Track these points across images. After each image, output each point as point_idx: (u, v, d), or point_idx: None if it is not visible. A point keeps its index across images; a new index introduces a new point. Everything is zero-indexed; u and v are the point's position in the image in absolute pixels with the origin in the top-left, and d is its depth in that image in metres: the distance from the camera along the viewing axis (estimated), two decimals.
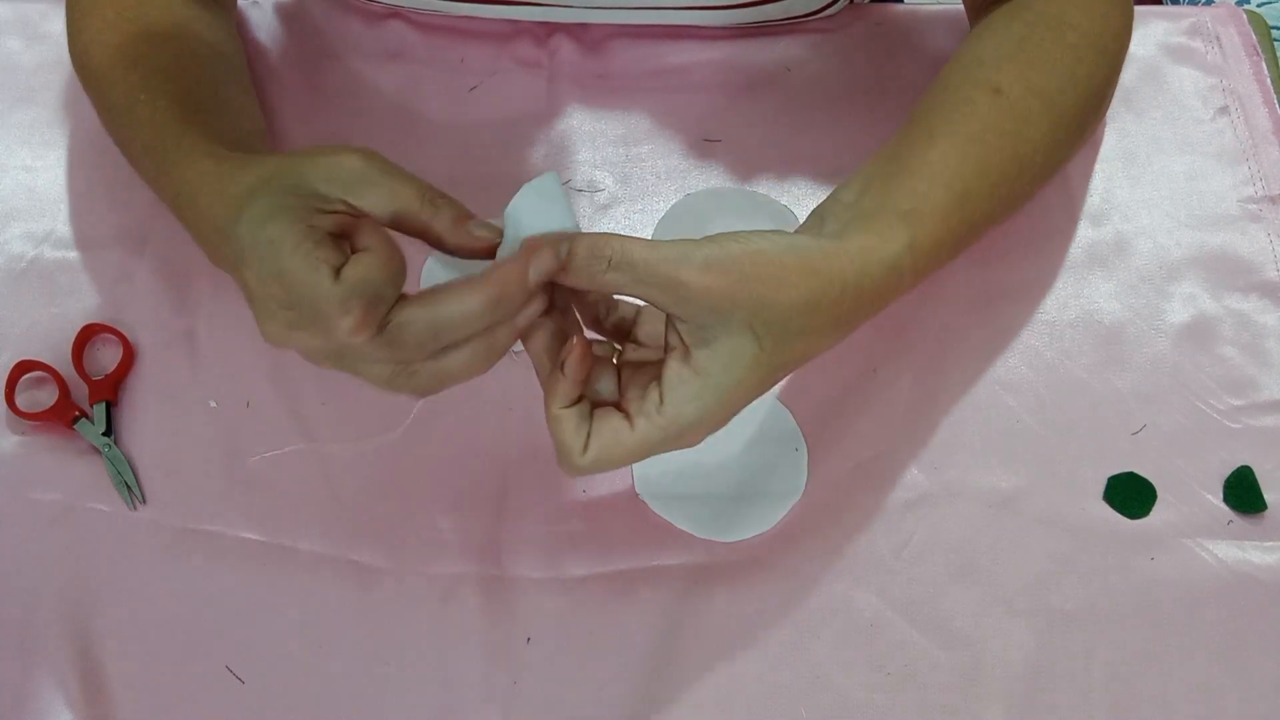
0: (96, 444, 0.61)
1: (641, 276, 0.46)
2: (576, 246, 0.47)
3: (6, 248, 0.68)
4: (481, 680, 0.55)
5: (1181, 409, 0.61)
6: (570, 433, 0.48)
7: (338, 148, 0.49)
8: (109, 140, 0.70)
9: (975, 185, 0.56)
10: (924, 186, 0.55)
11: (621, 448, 0.48)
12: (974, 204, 0.56)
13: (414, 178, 0.49)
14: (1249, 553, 0.57)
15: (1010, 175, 0.58)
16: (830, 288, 0.49)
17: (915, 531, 0.58)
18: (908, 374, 0.62)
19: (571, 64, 0.73)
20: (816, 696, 0.55)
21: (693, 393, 0.48)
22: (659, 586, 0.57)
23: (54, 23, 0.76)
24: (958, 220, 0.55)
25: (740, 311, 0.47)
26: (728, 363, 0.48)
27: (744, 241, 0.48)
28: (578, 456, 0.48)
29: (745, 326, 0.48)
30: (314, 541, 0.59)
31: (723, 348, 0.48)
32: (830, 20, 0.74)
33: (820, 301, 0.49)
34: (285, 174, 0.48)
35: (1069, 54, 0.60)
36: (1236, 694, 0.54)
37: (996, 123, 0.57)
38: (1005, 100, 0.58)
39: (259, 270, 0.46)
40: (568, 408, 0.48)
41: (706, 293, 0.47)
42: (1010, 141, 0.57)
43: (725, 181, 0.69)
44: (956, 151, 0.56)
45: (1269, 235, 0.66)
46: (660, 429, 0.48)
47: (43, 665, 0.56)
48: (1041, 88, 0.59)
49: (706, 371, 0.48)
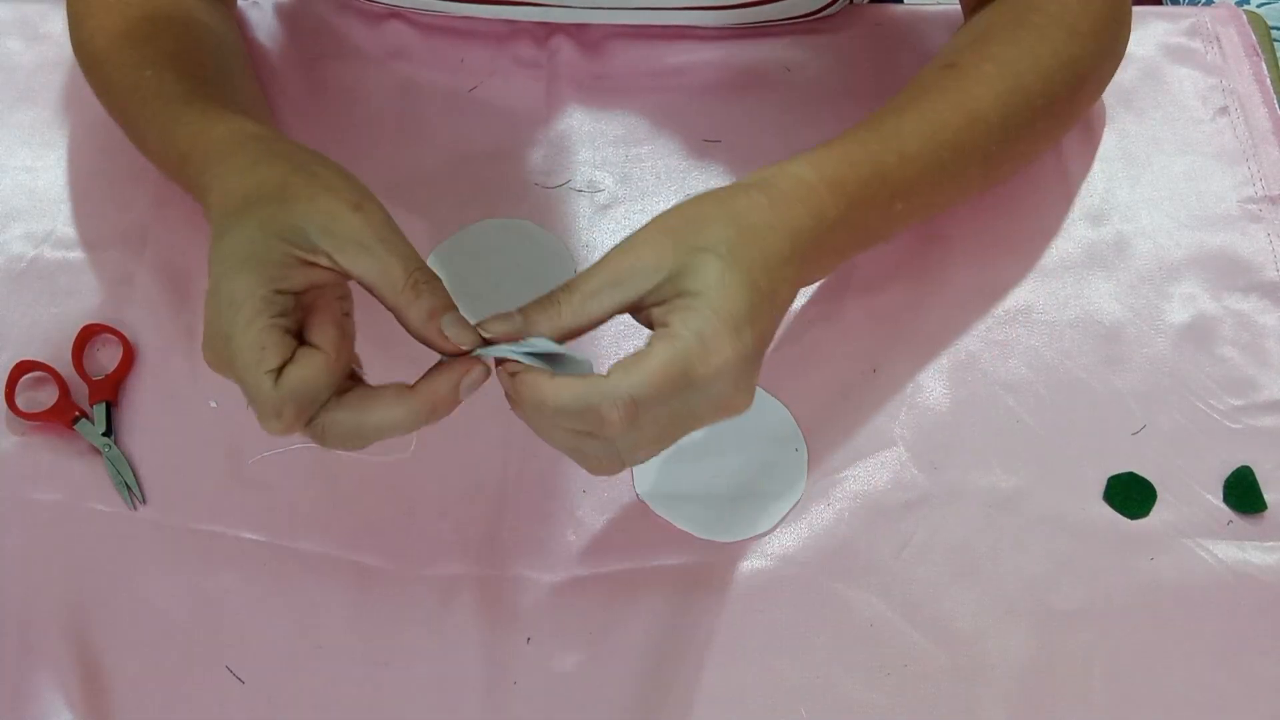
0: (96, 444, 0.61)
1: (587, 290, 0.48)
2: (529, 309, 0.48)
3: (6, 248, 0.68)
4: (481, 680, 0.55)
5: (1181, 409, 0.61)
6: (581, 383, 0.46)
7: (344, 193, 0.48)
8: (109, 140, 0.70)
9: (909, 126, 0.57)
10: (848, 134, 0.56)
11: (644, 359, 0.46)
12: (906, 140, 0.56)
13: (407, 252, 0.48)
14: (1249, 553, 0.57)
15: (955, 124, 0.57)
16: (736, 198, 0.51)
17: (915, 531, 0.58)
18: (908, 374, 0.62)
19: (571, 64, 0.73)
20: (816, 696, 0.55)
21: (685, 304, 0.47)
22: (659, 586, 0.57)
23: (54, 23, 0.76)
24: (878, 146, 0.55)
25: (676, 251, 0.48)
26: (697, 274, 0.47)
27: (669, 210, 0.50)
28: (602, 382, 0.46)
29: (689, 251, 0.48)
30: (314, 541, 0.59)
31: (687, 273, 0.47)
32: (830, 20, 0.74)
33: (737, 212, 0.50)
34: (284, 199, 0.48)
35: (1031, 32, 0.60)
36: (1236, 694, 0.54)
37: (940, 84, 0.59)
38: (955, 70, 0.59)
39: (213, 312, 0.47)
40: None
41: (637, 256, 0.48)
42: (955, 97, 0.58)
43: (725, 181, 0.68)
44: (890, 109, 0.58)
45: (1269, 235, 0.66)
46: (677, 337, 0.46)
47: (43, 665, 0.56)
48: (996, 55, 0.59)
49: (686, 290, 0.47)
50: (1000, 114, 0.59)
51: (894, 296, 0.64)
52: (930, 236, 0.65)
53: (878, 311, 0.64)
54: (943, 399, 0.62)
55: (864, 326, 0.64)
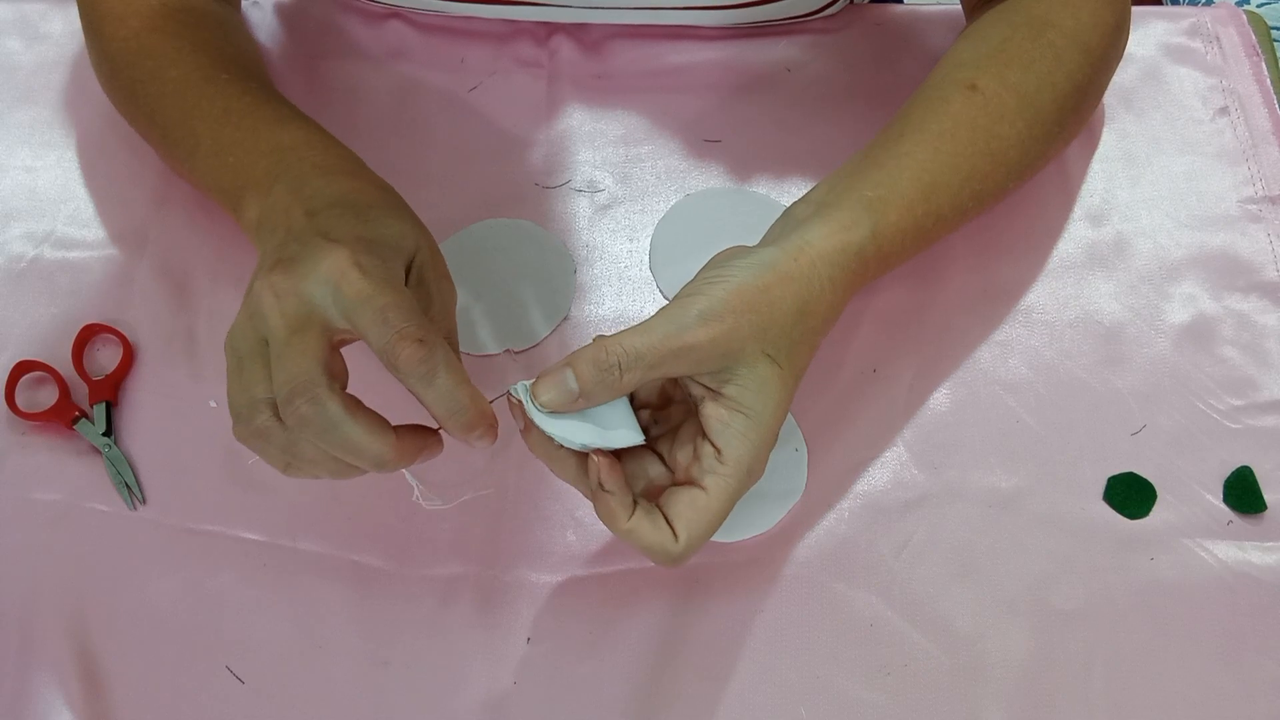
0: (96, 444, 0.61)
1: (654, 361, 0.48)
2: (582, 370, 0.48)
3: (6, 248, 0.68)
4: (481, 680, 0.55)
5: (1181, 409, 0.61)
6: (650, 533, 0.49)
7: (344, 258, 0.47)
8: (109, 140, 0.71)
9: (944, 178, 0.57)
10: (889, 177, 0.56)
11: (709, 513, 0.49)
12: (942, 195, 0.57)
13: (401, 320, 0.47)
14: (1249, 553, 0.57)
15: (983, 170, 0.58)
16: (810, 288, 0.52)
17: (915, 531, 0.58)
18: (908, 374, 0.62)
19: (571, 64, 0.73)
20: (816, 696, 0.55)
21: (740, 430, 0.49)
22: (659, 586, 0.57)
23: (54, 23, 0.76)
24: (923, 210, 0.56)
25: (749, 344, 0.49)
26: (758, 390, 0.49)
27: (725, 280, 0.50)
28: (673, 547, 0.49)
29: (758, 354, 0.49)
30: (314, 541, 0.59)
31: (748, 380, 0.49)
32: (830, 20, 0.74)
33: (807, 303, 0.51)
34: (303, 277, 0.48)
35: (1048, 52, 0.60)
36: (1236, 694, 0.54)
37: (969, 118, 0.58)
38: (979, 96, 0.59)
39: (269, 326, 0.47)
40: (632, 517, 0.49)
41: (714, 343, 0.48)
42: (983, 136, 0.58)
43: (725, 181, 0.69)
44: (926, 145, 0.57)
45: (1269, 235, 0.66)
46: (732, 475, 0.49)
47: (43, 665, 0.56)
48: (1018, 85, 0.59)
49: (744, 406, 0.49)
50: (1020, 152, 0.60)
51: (894, 296, 0.64)
52: None
53: (878, 311, 0.64)
54: (943, 399, 0.62)
55: (864, 326, 0.64)
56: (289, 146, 0.57)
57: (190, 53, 0.61)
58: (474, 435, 0.47)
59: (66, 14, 0.76)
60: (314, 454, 0.47)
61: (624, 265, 0.66)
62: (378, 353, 0.46)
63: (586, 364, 0.48)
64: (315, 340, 0.46)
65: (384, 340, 0.46)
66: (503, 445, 0.61)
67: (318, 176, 0.54)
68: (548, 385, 0.48)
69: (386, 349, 0.46)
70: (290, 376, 0.46)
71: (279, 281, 0.47)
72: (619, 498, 0.49)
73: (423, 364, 0.46)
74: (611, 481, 0.49)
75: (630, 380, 0.48)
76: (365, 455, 0.46)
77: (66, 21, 0.76)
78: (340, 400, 0.46)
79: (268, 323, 0.47)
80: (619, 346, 0.48)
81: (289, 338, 0.46)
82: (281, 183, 0.54)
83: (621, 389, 0.48)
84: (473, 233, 0.67)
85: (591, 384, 0.48)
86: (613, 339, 0.48)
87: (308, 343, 0.46)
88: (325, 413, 0.45)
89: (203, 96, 0.60)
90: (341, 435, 0.46)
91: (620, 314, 0.65)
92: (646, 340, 0.48)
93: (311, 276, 0.47)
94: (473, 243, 0.67)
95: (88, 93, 0.72)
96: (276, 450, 0.48)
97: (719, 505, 0.49)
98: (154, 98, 0.62)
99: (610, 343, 0.48)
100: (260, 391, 0.47)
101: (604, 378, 0.48)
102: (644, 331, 0.48)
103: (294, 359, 0.46)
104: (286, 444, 0.47)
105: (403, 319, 0.46)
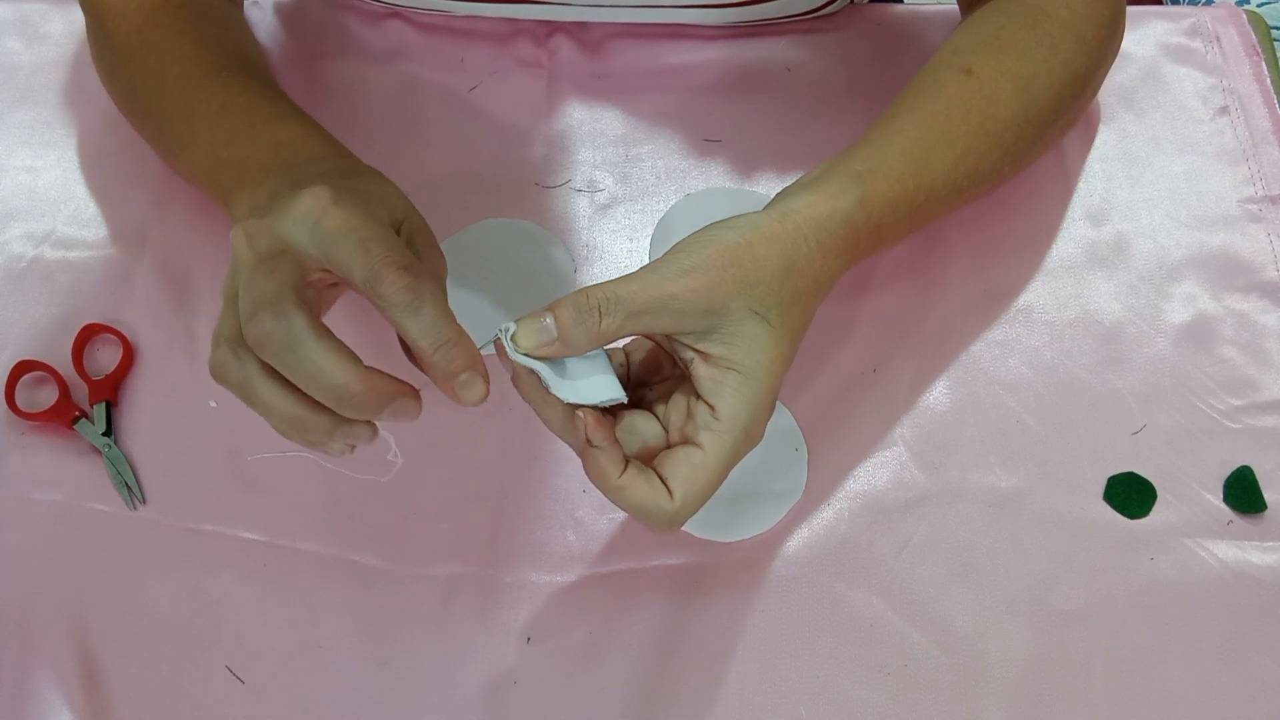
0: (96, 444, 0.61)
1: (635, 309, 0.47)
2: (561, 314, 0.46)
3: (6, 248, 0.68)
4: (481, 680, 0.55)
5: (1181, 409, 0.61)
6: (644, 490, 0.47)
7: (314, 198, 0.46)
8: (109, 140, 0.71)
9: (936, 154, 0.57)
10: (878, 151, 0.56)
11: (706, 469, 0.48)
12: (935, 171, 0.57)
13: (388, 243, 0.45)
14: (1249, 553, 0.57)
15: (978, 149, 0.58)
16: (797, 247, 0.51)
17: (915, 531, 0.58)
18: (908, 374, 0.62)
19: (571, 64, 0.73)
20: (816, 696, 0.55)
21: (734, 386, 0.48)
22: (659, 586, 0.57)
23: (54, 23, 0.76)
24: (914, 184, 0.56)
25: (734, 300, 0.48)
26: (748, 347, 0.48)
27: (710, 238, 0.50)
28: (668, 504, 0.47)
29: (745, 311, 0.48)
30: (314, 541, 0.59)
31: (737, 337, 0.48)
32: (830, 20, 0.74)
33: (794, 262, 0.51)
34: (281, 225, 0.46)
35: (1044, 40, 0.60)
36: (1236, 694, 0.54)
37: (964, 99, 0.58)
38: (975, 80, 0.59)
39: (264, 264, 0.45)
40: (624, 474, 0.47)
41: (696, 294, 0.47)
42: (977, 117, 0.58)
43: (725, 181, 0.69)
44: (919, 123, 0.58)
45: (1269, 235, 0.66)
46: (728, 432, 0.48)
47: (43, 665, 0.56)
48: (1013, 70, 0.59)
49: (736, 363, 0.48)
50: (1015, 135, 0.60)
51: (894, 296, 0.64)
52: (930, 236, 0.65)
53: (878, 311, 0.64)
54: (943, 399, 0.62)
55: (864, 326, 0.64)
56: (285, 142, 0.57)
57: (192, 48, 0.61)
58: (461, 382, 0.44)
59: (66, 14, 0.76)
60: (268, 394, 0.44)
61: (624, 265, 0.66)
62: (361, 284, 0.44)
63: (566, 307, 0.46)
64: (286, 267, 0.44)
65: (367, 269, 0.43)
66: (503, 445, 0.61)
67: (311, 166, 0.54)
68: (526, 328, 0.46)
69: (370, 277, 0.43)
70: (256, 295, 0.43)
71: (252, 224, 0.45)
72: (608, 453, 0.47)
73: (408, 291, 0.43)
74: (599, 436, 0.47)
75: (609, 326, 0.46)
76: (327, 383, 0.43)
77: (66, 21, 0.76)
78: (306, 318, 0.43)
79: (239, 263, 0.45)
80: (599, 291, 0.47)
81: (257, 265, 0.44)
82: (274, 175, 0.54)
83: (601, 335, 0.47)
84: (472, 233, 0.67)
85: (571, 327, 0.46)
86: (594, 286, 0.47)
87: (278, 267, 0.44)
88: (289, 328, 0.42)
89: (202, 91, 0.60)
90: (303, 355, 0.42)
91: None
92: (627, 287, 0.47)
93: (288, 216, 0.45)
94: (473, 243, 0.67)
95: (88, 93, 0.72)
96: (235, 389, 0.45)
97: (716, 462, 0.48)
98: (154, 92, 0.62)
99: (591, 288, 0.47)
100: (225, 329, 0.45)
101: (583, 320, 0.46)
102: (625, 279, 0.48)
103: (261, 281, 0.43)
104: (241, 381, 0.44)
105: (386, 249, 0.44)
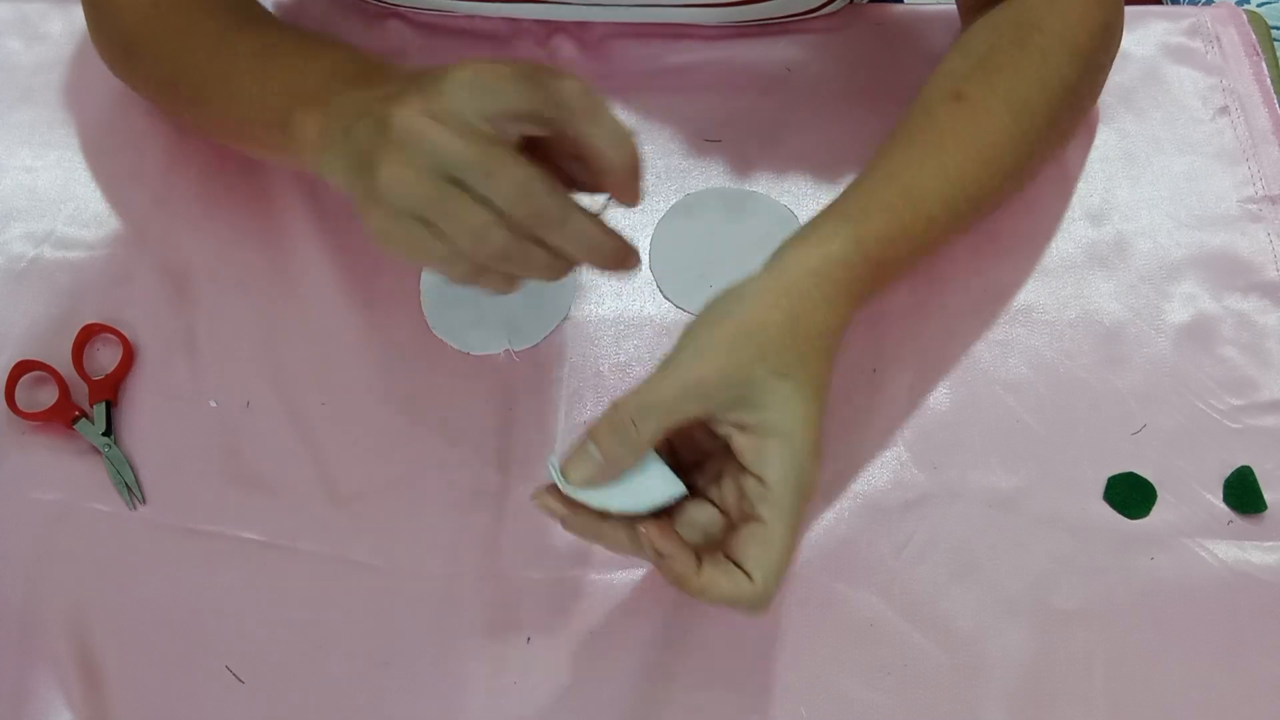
0: (96, 444, 0.61)
1: (666, 408, 0.48)
2: (601, 437, 0.48)
3: (6, 248, 0.68)
4: (482, 680, 0.55)
5: (1181, 409, 0.61)
6: (725, 584, 0.48)
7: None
8: (109, 140, 0.71)
9: (932, 185, 0.57)
10: (871, 188, 0.57)
11: (775, 542, 0.48)
12: (932, 202, 0.57)
13: None
14: (1249, 553, 0.57)
15: (974, 175, 0.58)
16: (799, 302, 0.52)
17: (915, 531, 0.58)
18: (908, 374, 0.62)
19: (571, 64, 0.73)
20: (816, 696, 0.55)
21: (776, 452, 0.49)
22: (659, 587, 0.57)
23: (54, 23, 0.76)
24: (911, 216, 0.56)
25: (756, 368, 0.49)
26: (781, 408, 0.49)
27: (717, 316, 0.51)
28: (750, 589, 0.48)
29: (769, 375, 0.49)
30: (314, 541, 0.59)
31: (768, 402, 0.49)
32: (830, 20, 0.74)
33: (799, 316, 0.51)
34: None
35: (1035, 55, 0.60)
36: (1236, 694, 0.54)
37: (956, 127, 0.58)
38: (966, 105, 0.59)
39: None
40: (701, 572, 0.49)
41: (720, 373, 0.49)
42: (973, 144, 0.58)
43: (725, 181, 0.69)
44: (913, 157, 0.58)
45: (1269, 235, 0.66)
46: (784, 497, 0.48)
47: (43, 665, 0.56)
48: (1005, 91, 0.59)
49: (772, 428, 0.49)
50: (1012, 154, 0.60)
51: (894, 297, 0.64)
52: None
53: (878, 312, 0.64)
54: (943, 399, 0.62)
55: (864, 327, 0.63)
56: (344, 60, 0.56)
57: (219, 12, 0.61)
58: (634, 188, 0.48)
59: (66, 14, 0.76)
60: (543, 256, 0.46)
61: None
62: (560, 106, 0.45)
63: (603, 430, 0.49)
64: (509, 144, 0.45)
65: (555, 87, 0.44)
66: (504, 445, 0.61)
67: (382, 71, 0.53)
68: (574, 463, 0.49)
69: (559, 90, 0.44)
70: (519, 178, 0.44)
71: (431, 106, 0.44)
72: (679, 558, 0.48)
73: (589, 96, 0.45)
74: (666, 546, 0.48)
75: (648, 431, 0.48)
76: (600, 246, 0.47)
77: (66, 21, 0.76)
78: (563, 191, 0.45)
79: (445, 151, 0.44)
80: (628, 404, 0.49)
81: (487, 148, 0.44)
82: (344, 84, 0.52)
83: (642, 443, 0.49)
84: None
85: (613, 447, 0.48)
86: (621, 399, 0.49)
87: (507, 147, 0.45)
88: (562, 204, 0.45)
89: (240, 41, 0.60)
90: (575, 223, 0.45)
91: (620, 314, 0.65)
92: (653, 390, 0.49)
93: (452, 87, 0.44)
94: None
95: (88, 93, 0.72)
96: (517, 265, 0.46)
97: (782, 531, 0.48)
98: (184, 53, 0.61)
99: (619, 402, 0.49)
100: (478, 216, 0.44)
101: (622, 436, 0.48)
102: (648, 383, 0.49)
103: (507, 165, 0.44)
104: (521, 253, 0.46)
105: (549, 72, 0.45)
